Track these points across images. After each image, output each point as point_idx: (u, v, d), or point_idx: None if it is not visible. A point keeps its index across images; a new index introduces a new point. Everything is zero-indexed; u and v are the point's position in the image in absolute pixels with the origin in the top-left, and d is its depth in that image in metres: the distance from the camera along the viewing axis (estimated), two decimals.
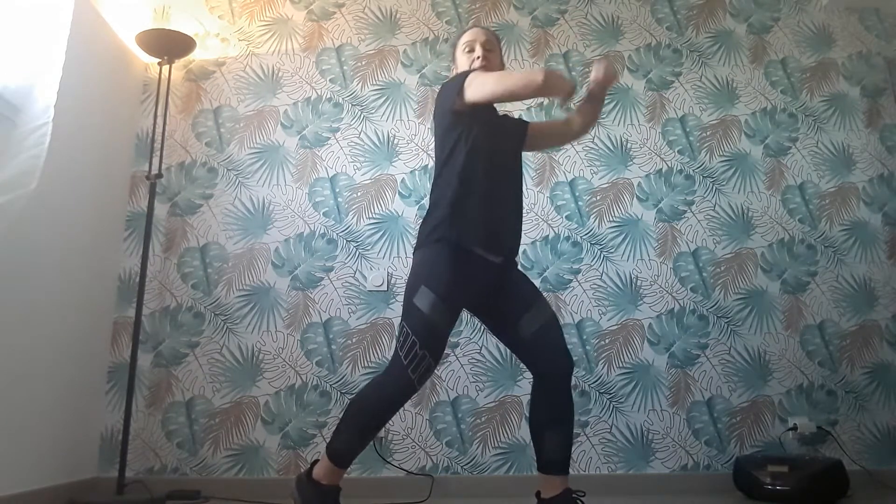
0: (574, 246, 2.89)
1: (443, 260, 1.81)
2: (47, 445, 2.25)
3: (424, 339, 1.76)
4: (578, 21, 3.19)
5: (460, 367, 2.73)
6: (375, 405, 1.79)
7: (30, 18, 2.12)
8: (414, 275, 1.83)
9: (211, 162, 2.91)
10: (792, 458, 2.47)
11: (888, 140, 3.11)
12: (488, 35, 2.08)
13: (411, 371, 1.75)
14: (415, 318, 1.78)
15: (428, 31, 3.13)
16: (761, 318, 2.85)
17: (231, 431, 2.63)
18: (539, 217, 2.92)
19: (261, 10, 3.12)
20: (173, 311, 2.73)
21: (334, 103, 3.01)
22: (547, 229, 2.90)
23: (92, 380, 2.57)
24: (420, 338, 1.76)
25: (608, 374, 2.76)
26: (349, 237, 2.85)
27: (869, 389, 2.79)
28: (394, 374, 1.78)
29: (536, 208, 2.92)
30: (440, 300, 1.77)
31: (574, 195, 2.95)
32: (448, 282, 1.79)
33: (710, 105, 3.11)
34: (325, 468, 1.81)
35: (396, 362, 1.77)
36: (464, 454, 2.65)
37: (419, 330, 1.76)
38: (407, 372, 1.76)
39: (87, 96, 2.50)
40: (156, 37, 2.67)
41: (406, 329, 1.78)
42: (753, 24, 3.25)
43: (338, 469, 1.80)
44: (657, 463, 2.68)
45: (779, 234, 2.96)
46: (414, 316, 1.78)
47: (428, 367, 1.77)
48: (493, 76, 1.85)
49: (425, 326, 1.76)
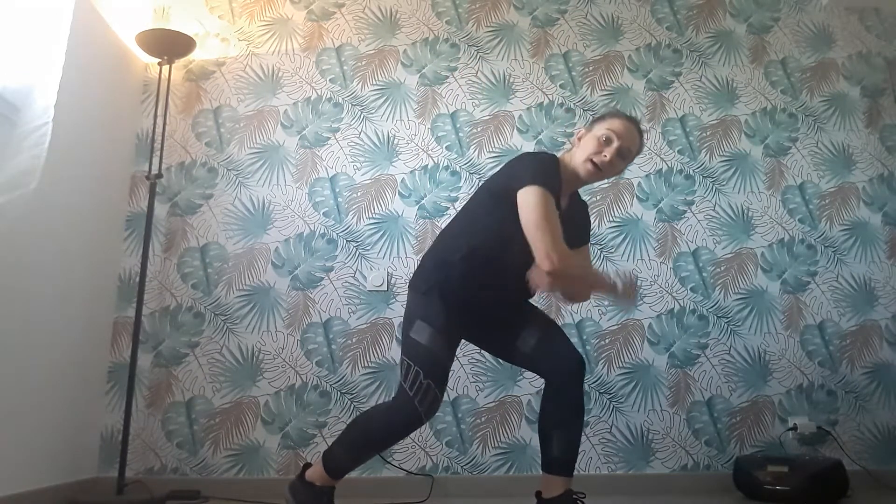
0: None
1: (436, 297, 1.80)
2: (47, 445, 2.25)
3: (427, 370, 1.75)
4: (578, 21, 3.19)
5: (460, 367, 2.73)
6: (378, 432, 1.80)
7: (30, 18, 2.12)
8: (408, 311, 1.84)
9: (211, 162, 2.91)
10: (792, 458, 2.47)
11: (888, 140, 3.11)
12: (634, 143, 1.88)
13: (418, 403, 1.74)
14: (414, 350, 1.77)
15: (428, 31, 3.13)
16: (761, 318, 2.85)
17: (231, 431, 2.63)
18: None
19: (261, 10, 3.12)
20: (173, 311, 2.73)
21: (334, 103, 3.01)
22: None
23: (92, 380, 2.56)
24: (423, 368, 1.75)
25: (608, 374, 2.76)
26: (349, 237, 2.86)
27: (869, 389, 2.79)
28: (401, 401, 1.76)
29: None
30: (437, 332, 1.77)
31: None
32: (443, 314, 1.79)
33: (710, 105, 3.11)
34: (320, 472, 1.83)
35: (402, 395, 1.76)
36: (464, 454, 2.65)
37: (420, 361, 1.76)
38: (414, 404, 1.74)
39: (87, 96, 2.50)
40: (156, 37, 2.67)
41: (407, 362, 1.77)
42: (753, 24, 3.25)
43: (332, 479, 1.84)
44: (657, 463, 2.68)
45: (779, 234, 2.96)
46: (413, 348, 1.78)
47: (434, 398, 1.75)
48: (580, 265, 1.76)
49: (426, 357, 1.76)
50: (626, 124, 1.86)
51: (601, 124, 1.87)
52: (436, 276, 1.82)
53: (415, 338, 1.78)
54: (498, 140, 3.00)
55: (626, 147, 1.85)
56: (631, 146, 1.86)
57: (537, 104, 3.05)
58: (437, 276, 1.82)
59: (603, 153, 1.82)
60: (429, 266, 1.85)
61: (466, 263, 1.79)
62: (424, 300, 1.81)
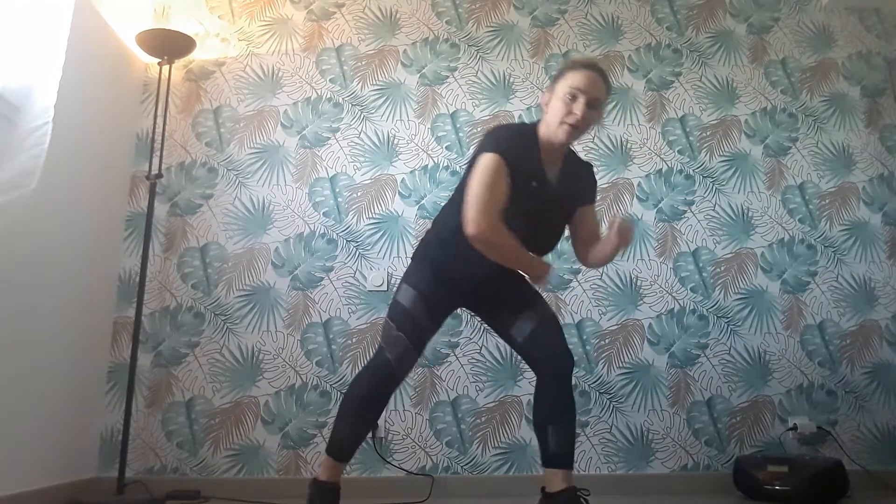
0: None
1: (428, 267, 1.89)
2: (47, 445, 2.25)
3: (401, 324, 1.84)
4: (578, 21, 3.19)
5: (460, 367, 2.73)
6: (358, 391, 1.86)
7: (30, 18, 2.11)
8: (401, 279, 1.94)
9: (211, 162, 2.91)
10: (792, 458, 2.47)
11: (888, 140, 3.11)
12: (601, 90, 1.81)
13: (388, 352, 1.83)
14: (394, 310, 1.89)
15: (428, 31, 3.13)
16: (761, 318, 2.85)
17: (231, 431, 2.63)
18: None
19: (261, 10, 3.12)
20: (173, 311, 2.73)
21: (334, 103, 3.01)
22: None
23: (92, 380, 2.57)
24: (396, 323, 1.85)
25: (608, 374, 2.76)
26: (349, 237, 2.85)
27: (869, 389, 2.79)
28: (375, 355, 1.87)
29: None
30: (419, 295, 1.86)
31: None
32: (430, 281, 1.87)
33: (710, 105, 3.11)
34: (324, 463, 1.87)
35: (378, 350, 1.87)
36: (464, 454, 2.65)
37: (396, 318, 1.86)
38: (384, 353, 1.84)
39: (87, 96, 2.50)
40: (156, 37, 2.66)
41: (386, 319, 1.88)
42: (753, 24, 3.25)
43: (335, 463, 1.85)
44: (657, 463, 2.68)
45: (779, 234, 2.96)
46: (394, 309, 1.89)
47: (406, 349, 1.83)
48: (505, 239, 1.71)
49: (403, 315, 1.86)
50: (586, 74, 1.79)
51: (562, 83, 1.82)
52: (433, 252, 1.90)
53: (398, 299, 1.89)
54: None
55: (594, 97, 1.79)
56: (598, 94, 1.80)
57: (537, 104, 3.05)
58: (434, 253, 1.90)
59: (573, 112, 1.78)
60: (431, 240, 1.93)
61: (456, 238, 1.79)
62: (416, 267, 1.91)
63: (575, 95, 1.78)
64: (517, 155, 1.77)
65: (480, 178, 1.73)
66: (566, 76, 1.82)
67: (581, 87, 1.78)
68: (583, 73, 1.80)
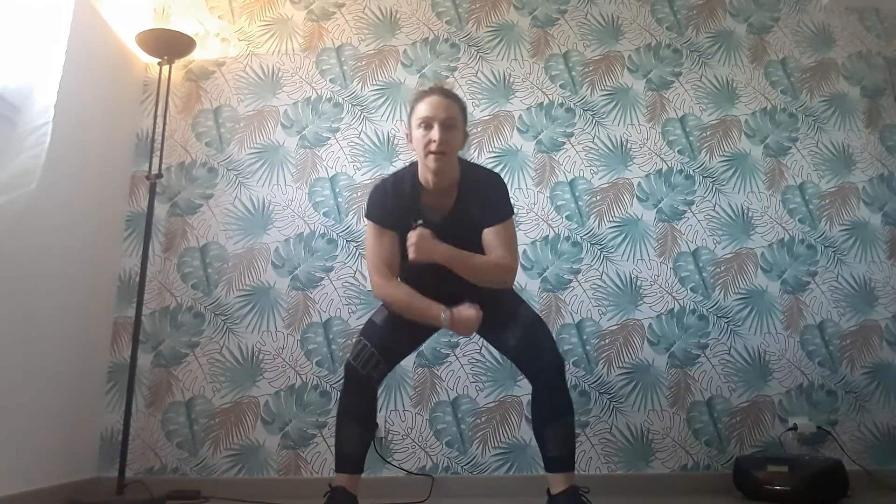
0: (574, 246, 2.89)
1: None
2: (47, 445, 2.25)
3: (369, 337, 1.90)
4: (578, 21, 3.19)
5: (460, 367, 2.73)
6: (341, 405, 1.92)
7: (30, 18, 2.11)
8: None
9: (211, 162, 2.91)
10: (792, 458, 2.47)
11: (888, 140, 3.11)
12: (449, 108, 1.83)
13: (353, 359, 1.87)
14: (367, 327, 1.96)
15: (428, 31, 3.13)
16: (761, 318, 2.85)
17: (231, 431, 2.63)
18: (539, 217, 2.91)
19: (261, 10, 3.12)
20: (173, 311, 2.73)
21: (334, 103, 3.01)
22: (547, 229, 2.90)
23: (92, 380, 2.56)
24: (365, 336, 1.91)
25: (608, 374, 2.76)
26: (349, 237, 2.85)
27: (869, 389, 2.79)
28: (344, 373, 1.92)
29: (536, 208, 2.92)
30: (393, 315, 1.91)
31: (574, 195, 2.95)
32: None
33: (710, 105, 3.11)
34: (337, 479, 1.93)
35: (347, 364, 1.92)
36: (464, 454, 2.65)
37: (366, 332, 1.93)
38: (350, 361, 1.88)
39: (87, 96, 2.50)
40: (156, 37, 2.67)
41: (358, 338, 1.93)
42: (753, 24, 3.25)
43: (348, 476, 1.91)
44: (657, 463, 2.68)
45: (779, 234, 2.96)
46: (366, 326, 1.96)
47: (370, 355, 1.86)
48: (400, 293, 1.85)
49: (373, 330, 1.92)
50: (429, 101, 1.84)
51: (413, 117, 1.89)
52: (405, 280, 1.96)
53: (373, 319, 1.97)
54: (498, 140, 3.00)
55: (447, 117, 1.82)
56: (449, 114, 1.83)
57: (537, 104, 3.05)
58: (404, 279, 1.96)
59: (431, 139, 1.81)
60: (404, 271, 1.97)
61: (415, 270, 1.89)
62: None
63: (428, 124, 1.83)
64: (391, 212, 1.89)
65: (366, 245, 1.93)
66: (415, 109, 1.88)
67: (428, 114, 1.83)
68: (425, 100, 1.86)
